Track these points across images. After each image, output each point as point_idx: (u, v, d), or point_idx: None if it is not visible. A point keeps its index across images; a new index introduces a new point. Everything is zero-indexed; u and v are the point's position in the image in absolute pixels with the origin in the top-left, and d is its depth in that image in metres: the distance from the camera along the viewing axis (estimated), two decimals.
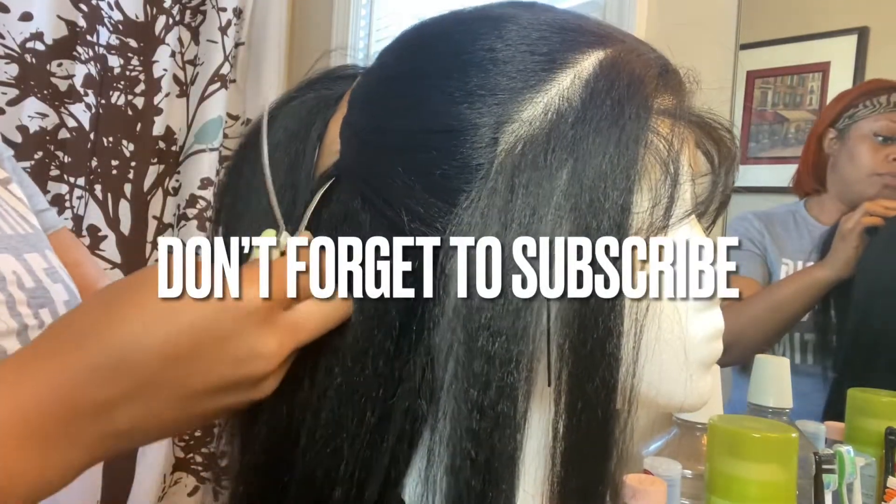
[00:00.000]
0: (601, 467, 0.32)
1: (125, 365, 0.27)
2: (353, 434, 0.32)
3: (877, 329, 0.80)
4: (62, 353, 0.28)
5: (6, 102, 1.19)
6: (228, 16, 1.42)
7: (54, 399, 0.27)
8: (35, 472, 0.27)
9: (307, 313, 0.31)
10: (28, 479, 0.27)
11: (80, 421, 0.27)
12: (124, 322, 0.28)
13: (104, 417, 0.27)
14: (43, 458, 0.27)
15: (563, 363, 0.31)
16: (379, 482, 0.33)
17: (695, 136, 0.35)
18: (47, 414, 0.27)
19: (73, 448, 0.27)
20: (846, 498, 0.56)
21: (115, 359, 0.27)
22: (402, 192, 0.33)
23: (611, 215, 0.30)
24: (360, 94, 0.37)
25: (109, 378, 0.27)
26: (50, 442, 0.27)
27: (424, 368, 0.32)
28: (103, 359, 0.27)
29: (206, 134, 1.41)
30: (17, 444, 0.26)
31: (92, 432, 0.28)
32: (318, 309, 0.32)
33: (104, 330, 0.28)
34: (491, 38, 0.33)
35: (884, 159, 0.82)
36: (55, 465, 0.27)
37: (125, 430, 0.28)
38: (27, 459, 0.26)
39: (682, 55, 0.37)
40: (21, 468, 0.26)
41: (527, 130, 0.32)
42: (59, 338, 0.29)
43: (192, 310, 0.28)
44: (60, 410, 0.27)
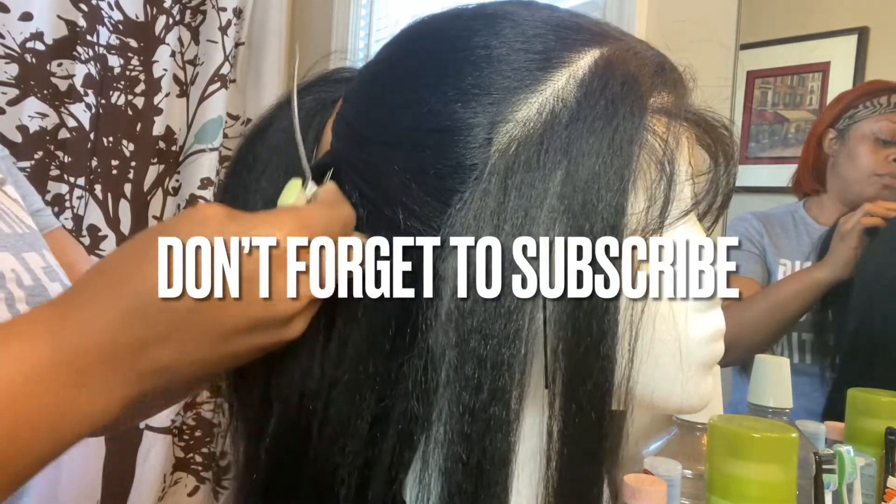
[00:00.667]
0: (596, 469, 0.32)
1: (157, 308, 0.29)
2: (355, 431, 0.33)
3: (877, 329, 0.80)
4: (100, 297, 0.29)
5: (6, 102, 1.19)
6: (228, 16, 1.42)
7: (94, 340, 0.28)
8: (81, 407, 0.29)
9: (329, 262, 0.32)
10: (75, 415, 0.29)
11: (118, 360, 0.29)
12: (154, 268, 0.29)
13: (141, 356, 0.29)
14: (87, 395, 0.29)
15: (557, 366, 0.31)
16: (381, 481, 0.33)
17: (694, 134, 0.35)
18: (88, 354, 0.28)
19: (114, 385, 0.29)
20: (846, 498, 0.56)
21: (148, 303, 0.29)
22: (399, 189, 0.33)
23: (605, 217, 0.30)
24: (356, 89, 0.37)
25: (144, 320, 0.29)
26: (92, 380, 0.29)
27: (418, 370, 0.32)
28: (138, 303, 0.29)
29: (206, 134, 1.41)
30: (63, 382, 0.28)
31: (131, 370, 0.29)
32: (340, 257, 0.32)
33: (137, 275, 0.29)
34: (487, 35, 0.33)
35: (884, 160, 0.82)
36: (99, 402, 0.29)
37: (162, 368, 0.30)
38: (72, 396, 0.28)
39: (681, 55, 0.37)
40: (67, 405, 0.28)
41: (521, 131, 0.31)
42: (95, 284, 0.30)
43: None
44: (100, 351, 0.28)
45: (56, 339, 0.28)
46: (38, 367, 0.28)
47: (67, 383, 0.28)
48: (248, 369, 0.35)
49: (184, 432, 1.41)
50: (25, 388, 0.27)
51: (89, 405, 0.29)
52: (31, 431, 0.28)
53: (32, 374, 0.28)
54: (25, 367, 0.28)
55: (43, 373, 0.28)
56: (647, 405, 0.35)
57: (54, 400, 0.28)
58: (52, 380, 0.28)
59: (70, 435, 0.29)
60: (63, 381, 0.28)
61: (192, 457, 1.42)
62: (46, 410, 0.28)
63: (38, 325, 0.29)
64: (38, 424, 0.28)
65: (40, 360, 0.28)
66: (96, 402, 0.29)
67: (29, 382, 0.27)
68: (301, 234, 0.31)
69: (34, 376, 0.28)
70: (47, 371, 0.28)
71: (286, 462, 0.34)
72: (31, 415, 0.28)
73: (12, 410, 0.27)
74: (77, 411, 0.29)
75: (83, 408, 0.29)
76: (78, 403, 0.29)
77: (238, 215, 0.31)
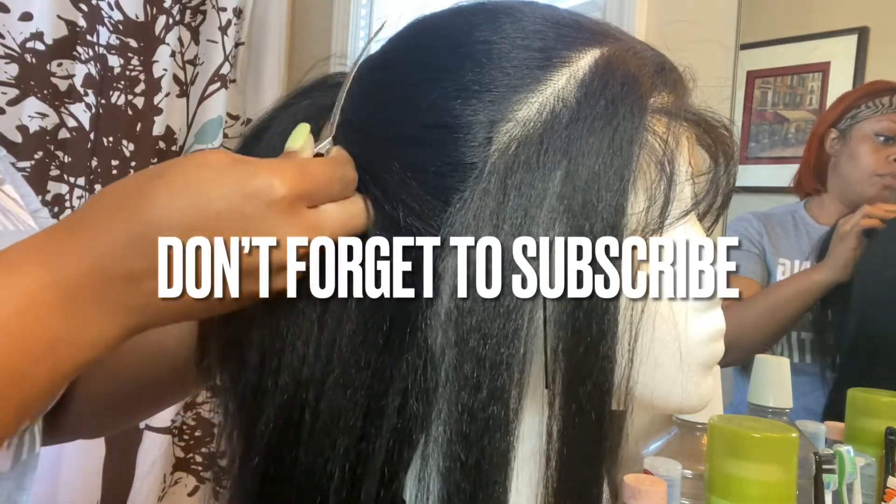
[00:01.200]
0: (596, 469, 0.32)
1: (151, 240, 0.29)
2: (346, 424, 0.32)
3: (877, 329, 0.80)
4: (94, 226, 0.29)
5: (6, 102, 1.19)
6: (228, 16, 1.42)
7: (86, 266, 0.29)
8: (74, 335, 0.29)
9: (328, 214, 0.32)
10: (69, 342, 0.29)
11: (110, 289, 0.29)
12: (153, 200, 0.29)
13: (132, 288, 0.29)
14: (77, 325, 0.29)
15: (557, 365, 0.31)
16: (375, 479, 0.33)
17: (694, 134, 0.35)
18: (79, 281, 0.29)
19: (104, 316, 0.29)
20: (846, 498, 0.56)
21: (142, 234, 0.29)
22: (399, 186, 0.33)
23: (604, 216, 0.30)
24: (357, 82, 0.37)
25: (137, 251, 0.29)
26: (83, 308, 0.29)
27: (417, 369, 0.32)
28: (132, 233, 0.29)
29: (206, 134, 1.41)
30: (56, 309, 0.28)
31: (121, 302, 0.29)
32: (339, 212, 0.32)
33: (134, 207, 0.29)
34: (487, 30, 0.33)
35: (885, 160, 0.82)
36: (89, 333, 0.29)
37: (152, 303, 0.30)
38: (62, 324, 0.29)
39: (681, 55, 0.37)
40: (57, 333, 0.29)
41: (521, 131, 0.31)
42: (91, 215, 0.30)
43: (218, 192, 0.29)
44: (92, 280, 0.29)
45: (49, 266, 0.28)
46: (32, 294, 0.28)
47: (60, 310, 0.28)
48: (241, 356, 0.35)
49: (184, 432, 1.41)
50: (19, 314, 0.28)
51: (82, 333, 0.29)
52: (28, 357, 0.28)
53: (25, 300, 0.28)
54: (19, 294, 0.28)
55: (36, 299, 0.28)
56: (646, 405, 0.35)
57: (47, 326, 0.28)
58: (45, 306, 0.28)
59: (67, 363, 0.29)
60: (55, 307, 0.28)
61: (192, 457, 1.42)
62: (41, 335, 0.28)
63: (33, 251, 0.29)
64: (33, 351, 0.28)
65: (33, 286, 0.28)
66: (89, 331, 0.29)
67: (22, 308, 0.28)
68: (301, 185, 0.31)
69: (27, 302, 0.28)
70: (40, 297, 0.28)
71: (279, 454, 0.34)
72: (25, 340, 0.28)
73: (6, 335, 0.27)
74: (70, 339, 0.29)
75: (76, 336, 0.29)
76: (71, 330, 0.29)
77: (243, 160, 0.31)
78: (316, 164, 0.32)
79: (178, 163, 0.31)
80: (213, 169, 0.30)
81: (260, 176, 0.30)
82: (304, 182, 0.31)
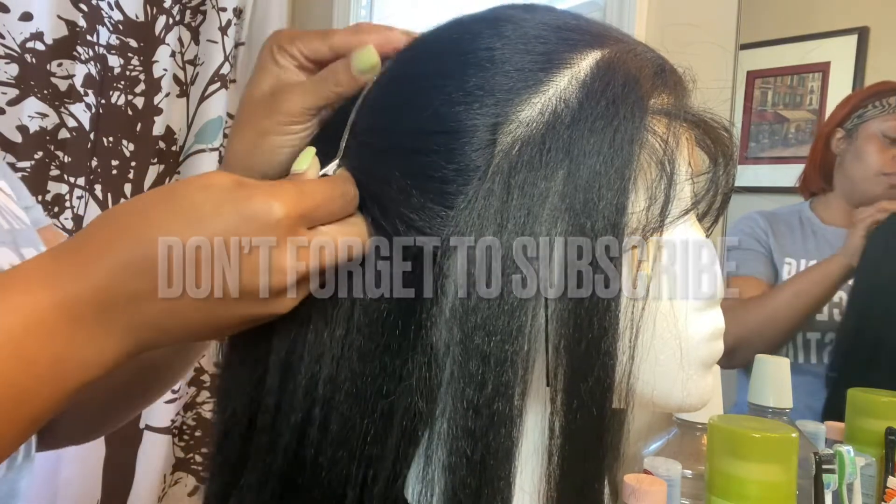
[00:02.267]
0: (597, 465, 0.33)
1: (152, 263, 0.29)
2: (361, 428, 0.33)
3: (877, 329, 0.80)
4: (98, 247, 0.30)
5: (6, 102, 1.19)
6: (228, 16, 1.42)
7: (89, 287, 0.29)
8: (78, 354, 0.30)
9: (328, 237, 0.32)
10: (72, 361, 0.29)
11: (112, 310, 0.30)
12: (154, 225, 0.30)
13: (134, 309, 0.30)
14: (81, 344, 0.29)
15: (559, 362, 0.31)
16: (386, 479, 0.33)
17: (694, 135, 0.35)
18: (83, 301, 0.29)
19: (108, 336, 0.30)
20: (846, 498, 0.56)
21: (144, 257, 0.29)
22: (397, 199, 0.33)
23: (605, 215, 0.31)
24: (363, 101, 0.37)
25: (139, 274, 0.29)
26: (86, 328, 0.29)
27: (422, 367, 0.32)
28: (135, 255, 0.29)
29: (206, 134, 1.41)
30: (60, 328, 0.29)
31: (123, 322, 0.30)
32: (339, 232, 0.32)
33: (137, 228, 0.30)
34: (490, 38, 0.34)
35: (891, 159, 0.82)
36: (93, 352, 0.30)
37: (153, 324, 0.30)
38: (67, 344, 0.29)
39: (681, 55, 0.37)
40: (62, 353, 0.29)
41: (524, 131, 0.32)
42: (96, 235, 0.31)
43: (217, 218, 0.30)
44: (95, 298, 0.29)
45: (54, 286, 0.29)
46: (36, 314, 0.28)
47: (64, 330, 0.29)
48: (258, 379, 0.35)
49: (184, 432, 1.41)
50: (24, 333, 0.28)
51: (86, 353, 0.30)
52: (33, 376, 0.29)
53: (31, 319, 0.28)
54: (23, 314, 0.28)
55: (41, 319, 0.28)
56: (647, 403, 0.35)
57: (51, 345, 0.29)
58: (50, 326, 0.29)
59: (71, 381, 0.30)
60: (60, 327, 0.29)
61: (192, 457, 1.42)
62: (45, 355, 0.29)
63: (38, 272, 0.30)
64: (38, 369, 0.29)
65: (38, 306, 0.29)
66: (93, 350, 0.30)
67: (27, 328, 0.28)
68: (301, 206, 0.31)
69: (32, 322, 0.28)
70: (45, 317, 0.29)
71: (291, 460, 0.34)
72: (31, 360, 0.28)
73: (11, 354, 0.28)
74: (75, 358, 0.29)
75: (80, 355, 0.29)
76: (75, 350, 0.29)
77: (244, 183, 0.31)
78: (315, 185, 0.32)
79: (182, 185, 0.31)
80: (213, 191, 0.30)
81: (258, 198, 0.30)
82: (303, 203, 0.31)
